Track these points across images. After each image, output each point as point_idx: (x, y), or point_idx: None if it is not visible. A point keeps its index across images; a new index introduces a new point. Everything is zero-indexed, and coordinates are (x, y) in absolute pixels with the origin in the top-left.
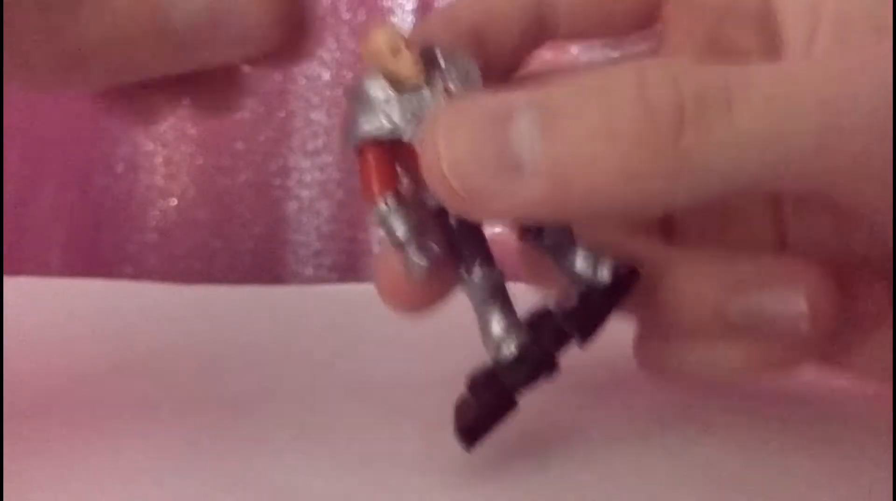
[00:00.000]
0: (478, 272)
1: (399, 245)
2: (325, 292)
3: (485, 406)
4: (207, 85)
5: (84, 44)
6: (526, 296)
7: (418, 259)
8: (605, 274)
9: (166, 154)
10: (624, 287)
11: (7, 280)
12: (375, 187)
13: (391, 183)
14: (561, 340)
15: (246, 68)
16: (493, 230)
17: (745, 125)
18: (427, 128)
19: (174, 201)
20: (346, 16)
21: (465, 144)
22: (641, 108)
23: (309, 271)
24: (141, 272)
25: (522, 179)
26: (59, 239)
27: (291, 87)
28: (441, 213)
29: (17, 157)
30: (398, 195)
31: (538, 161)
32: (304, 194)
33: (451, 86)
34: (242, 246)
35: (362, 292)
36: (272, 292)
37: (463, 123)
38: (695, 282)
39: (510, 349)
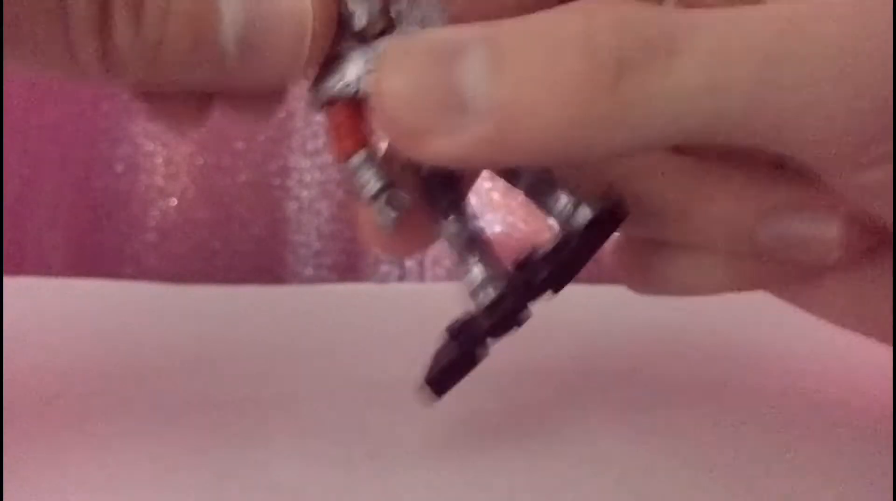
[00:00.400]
0: (453, 223)
1: (369, 199)
2: (325, 292)
3: (455, 356)
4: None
5: (137, 44)
6: None
7: (388, 212)
8: (582, 218)
9: (166, 154)
10: (606, 229)
11: (7, 280)
12: (344, 144)
13: (360, 139)
14: (534, 290)
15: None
16: (494, 230)
17: (683, 76)
18: (375, 66)
19: (174, 201)
20: None
21: (410, 81)
22: (585, 53)
23: (309, 271)
24: (141, 272)
25: (467, 119)
26: (59, 239)
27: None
28: (415, 166)
29: (17, 157)
30: (368, 150)
31: (483, 102)
32: (304, 194)
33: (410, 30)
34: (242, 246)
35: (362, 292)
36: (272, 292)
37: (409, 60)
38: (727, 203)
39: (485, 298)
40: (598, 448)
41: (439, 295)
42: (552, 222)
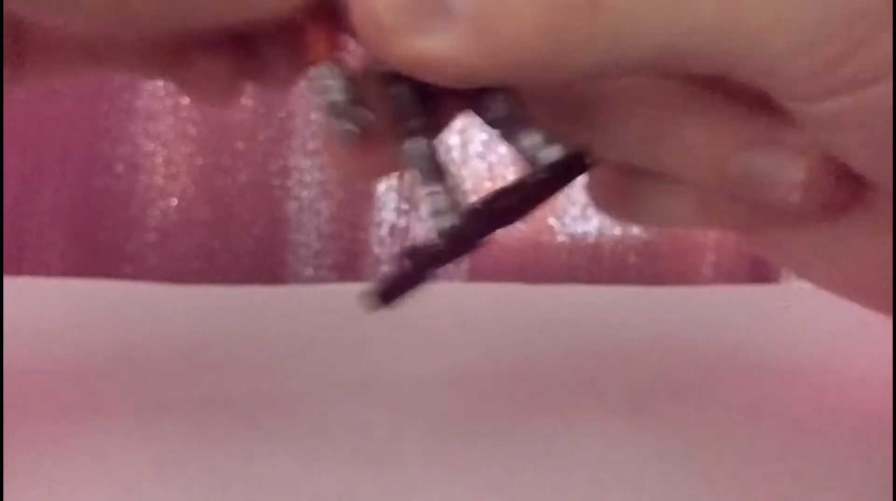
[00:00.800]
0: (420, 144)
1: (332, 111)
2: (325, 292)
3: (407, 271)
4: (270, 59)
5: None
6: (524, 297)
7: (347, 125)
8: (550, 155)
9: (166, 154)
10: (572, 170)
11: (7, 280)
12: (314, 50)
13: (332, 49)
14: (493, 220)
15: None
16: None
17: None
18: None
19: (174, 201)
20: None
21: None
22: None
23: (309, 271)
24: (141, 272)
25: (446, 22)
26: (59, 239)
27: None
28: (385, 82)
29: (17, 156)
30: (340, 63)
31: (465, 6)
32: (304, 194)
33: None
34: (242, 246)
35: (362, 292)
36: (272, 292)
37: None
38: (705, 131)
39: (444, 222)
40: (597, 447)
41: (439, 295)
42: (520, 156)
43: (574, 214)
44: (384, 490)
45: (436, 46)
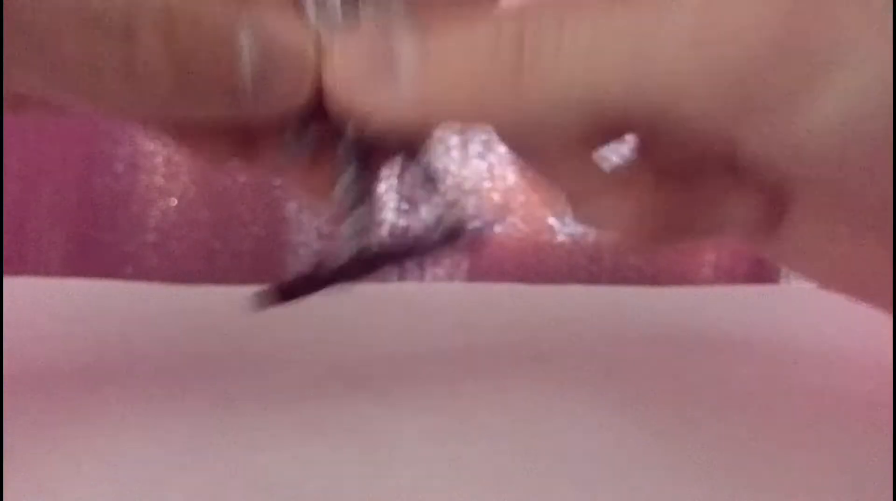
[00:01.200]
0: (351, 178)
1: (288, 140)
2: (325, 291)
3: (308, 279)
4: (264, 146)
5: (162, 75)
6: (524, 297)
7: (292, 149)
8: (444, 226)
9: (166, 154)
10: (453, 244)
11: (7, 280)
12: None
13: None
14: (377, 263)
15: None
16: (494, 230)
17: (570, 67)
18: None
19: (174, 201)
20: None
21: (355, 49)
22: (490, 51)
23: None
24: (141, 272)
25: (398, 83)
26: (59, 239)
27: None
28: (337, 125)
29: (17, 157)
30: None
31: (411, 71)
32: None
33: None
34: (242, 246)
35: (362, 291)
36: None
37: (358, 33)
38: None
39: (350, 248)
40: (596, 447)
41: (439, 295)
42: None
43: None
44: (383, 490)
45: (385, 104)
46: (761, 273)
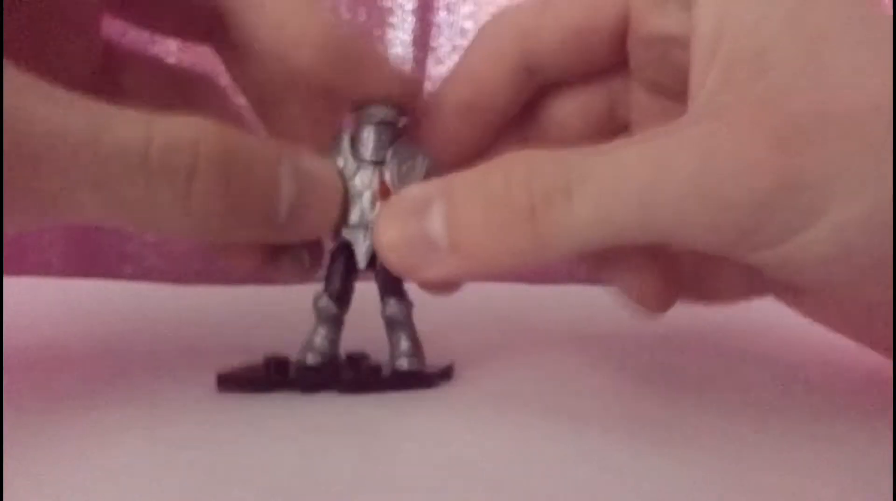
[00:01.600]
0: (328, 301)
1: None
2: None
3: (255, 375)
4: (286, 267)
5: (214, 210)
6: (524, 297)
7: (292, 261)
8: (403, 365)
9: None
10: (415, 383)
11: (7, 280)
12: None
13: None
14: (327, 384)
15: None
16: None
17: (583, 213)
18: (376, 216)
19: None
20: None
21: (396, 232)
22: (506, 204)
23: None
24: (141, 272)
25: (439, 256)
26: (59, 239)
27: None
28: (343, 249)
29: None
30: None
31: (446, 244)
32: None
33: (387, 178)
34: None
35: (362, 291)
36: (272, 292)
37: (394, 216)
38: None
39: (307, 360)
40: (596, 447)
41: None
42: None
43: None
44: (383, 490)
45: (437, 273)
46: None
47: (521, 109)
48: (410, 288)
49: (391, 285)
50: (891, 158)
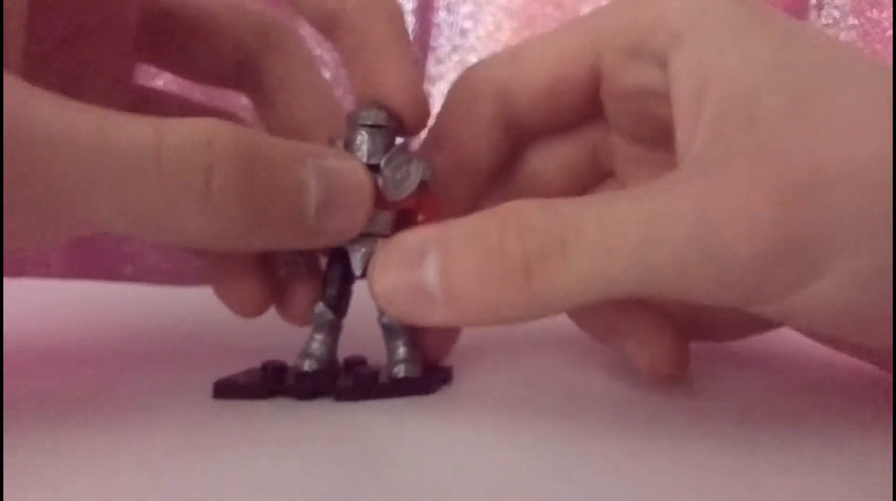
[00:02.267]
0: (325, 310)
1: (287, 258)
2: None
3: (251, 384)
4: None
5: (236, 210)
6: None
7: (287, 268)
8: (400, 372)
9: None
10: (409, 389)
11: (7, 282)
12: None
13: None
14: (324, 391)
15: None
16: None
17: (578, 268)
18: (371, 263)
19: None
20: None
21: (391, 280)
22: (500, 257)
23: None
24: (141, 272)
25: (433, 305)
26: None
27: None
28: (331, 262)
29: None
30: None
31: (441, 294)
32: None
33: (381, 183)
34: None
35: (360, 295)
36: None
37: (390, 264)
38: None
39: (303, 366)
40: (595, 446)
41: None
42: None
43: None
44: (383, 492)
45: (431, 321)
46: None
47: (504, 161)
48: None
49: None
50: (891, 210)
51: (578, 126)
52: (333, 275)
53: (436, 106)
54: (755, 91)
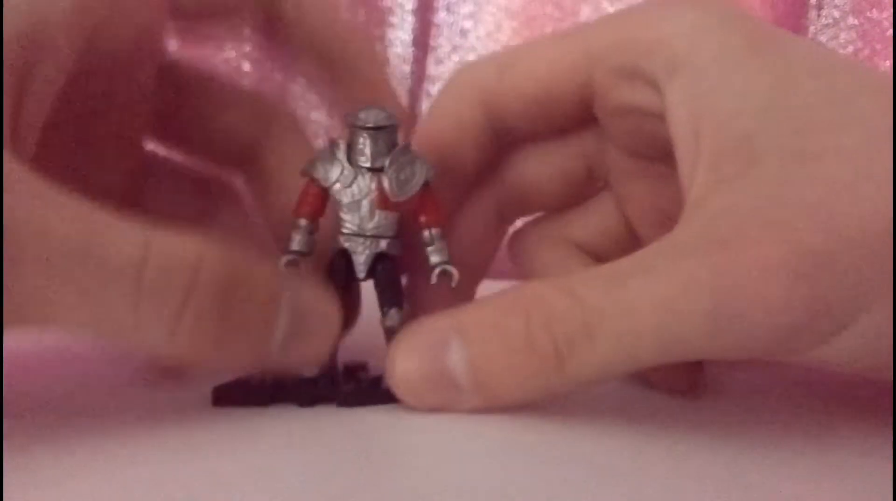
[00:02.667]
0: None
1: (284, 253)
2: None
3: (251, 390)
4: None
5: (207, 332)
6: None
7: (284, 263)
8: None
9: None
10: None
11: None
12: (298, 208)
13: (310, 211)
14: (324, 398)
15: None
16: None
17: (606, 351)
18: (391, 349)
19: None
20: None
21: (414, 369)
22: (531, 350)
23: None
24: None
25: (461, 394)
26: None
27: (291, 86)
28: (333, 257)
29: None
30: (313, 222)
31: (468, 383)
32: None
33: (385, 185)
34: None
35: (361, 291)
36: None
37: (411, 353)
38: None
39: (304, 372)
40: (595, 446)
41: None
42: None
43: None
44: (383, 493)
45: (459, 409)
46: None
47: (495, 165)
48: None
49: (391, 295)
50: None
51: (572, 135)
52: (335, 277)
53: None
54: (751, 130)
